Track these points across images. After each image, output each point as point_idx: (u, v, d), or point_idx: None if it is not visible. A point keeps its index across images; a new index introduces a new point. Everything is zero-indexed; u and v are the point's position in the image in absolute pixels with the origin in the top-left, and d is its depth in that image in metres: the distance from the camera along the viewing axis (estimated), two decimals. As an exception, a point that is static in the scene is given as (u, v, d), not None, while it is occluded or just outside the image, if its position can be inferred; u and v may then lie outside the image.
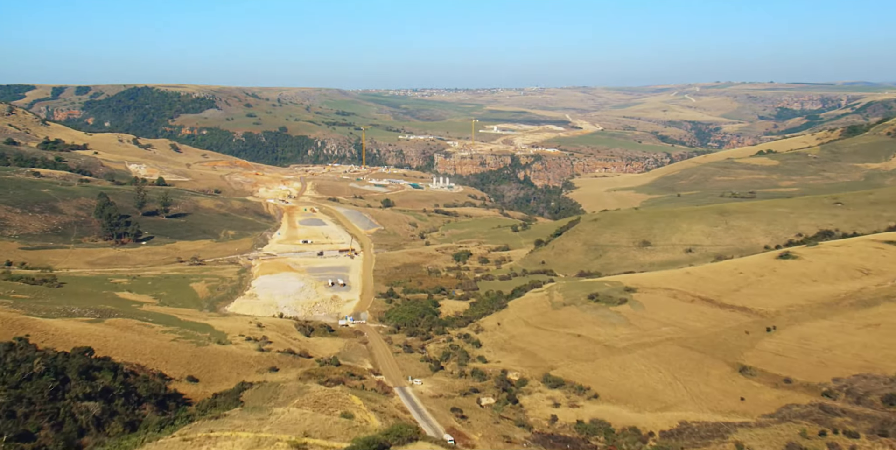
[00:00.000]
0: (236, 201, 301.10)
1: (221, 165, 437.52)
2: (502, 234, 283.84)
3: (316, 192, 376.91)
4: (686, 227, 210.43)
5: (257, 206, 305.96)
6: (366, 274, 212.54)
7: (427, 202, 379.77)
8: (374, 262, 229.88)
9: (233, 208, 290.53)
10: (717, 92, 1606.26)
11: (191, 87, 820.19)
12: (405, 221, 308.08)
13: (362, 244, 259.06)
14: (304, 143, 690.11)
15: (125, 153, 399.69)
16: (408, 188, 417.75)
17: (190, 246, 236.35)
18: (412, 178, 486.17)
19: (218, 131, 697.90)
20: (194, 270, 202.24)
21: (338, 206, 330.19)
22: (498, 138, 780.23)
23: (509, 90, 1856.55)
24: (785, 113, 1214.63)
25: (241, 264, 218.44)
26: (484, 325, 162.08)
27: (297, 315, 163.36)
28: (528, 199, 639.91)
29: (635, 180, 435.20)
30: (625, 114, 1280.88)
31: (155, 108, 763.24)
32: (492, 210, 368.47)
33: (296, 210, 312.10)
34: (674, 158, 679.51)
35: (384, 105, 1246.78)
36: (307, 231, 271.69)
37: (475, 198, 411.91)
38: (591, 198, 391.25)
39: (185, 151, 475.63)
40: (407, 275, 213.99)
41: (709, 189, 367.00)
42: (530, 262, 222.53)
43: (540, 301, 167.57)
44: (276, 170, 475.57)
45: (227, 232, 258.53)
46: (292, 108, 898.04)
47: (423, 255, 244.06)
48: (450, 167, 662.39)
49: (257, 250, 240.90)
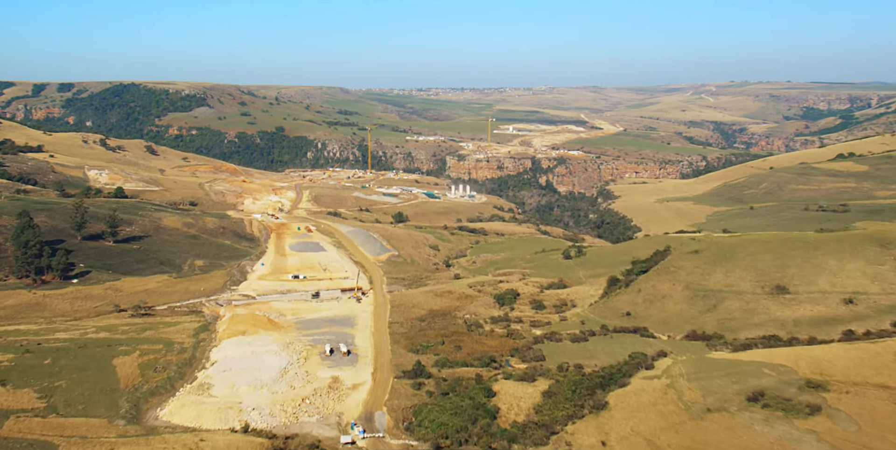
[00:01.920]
0: (211, 219, 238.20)
1: (204, 171, 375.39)
2: (550, 261, 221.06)
3: (314, 203, 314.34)
4: (836, 264, 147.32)
5: (238, 224, 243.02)
6: (379, 331, 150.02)
7: (446, 216, 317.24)
8: (390, 308, 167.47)
9: (205, 228, 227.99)
10: (735, 91, 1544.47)
11: (181, 84, 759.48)
12: (424, 243, 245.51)
13: (371, 278, 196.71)
14: (302, 144, 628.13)
15: (88, 157, 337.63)
16: (422, 198, 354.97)
17: (139, 285, 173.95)
18: (425, 185, 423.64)
19: (209, 131, 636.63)
20: (130, 330, 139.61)
21: (340, 223, 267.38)
22: (514, 139, 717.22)
23: (518, 90, 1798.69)
24: (812, 113, 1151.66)
25: (205, 315, 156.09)
26: (578, 442, 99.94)
27: (274, 425, 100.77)
28: (550, 206, 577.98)
29: (688, 188, 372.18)
30: (642, 114, 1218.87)
31: (141, 107, 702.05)
32: (525, 226, 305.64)
33: (287, 229, 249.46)
34: (710, 161, 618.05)
35: (389, 104, 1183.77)
36: (299, 260, 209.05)
37: (502, 209, 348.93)
38: (642, 211, 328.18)
39: (164, 154, 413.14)
40: (437, 331, 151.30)
41: (787, 200, 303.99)
42: (608, 311, 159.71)
43: (662, 398, 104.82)
44: (268, 176, 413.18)
45: (193, 263, 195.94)
46: (291, 106, 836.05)
47: (453, 295, 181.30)
48: (464, 171, 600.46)
49: (230, 290, 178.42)
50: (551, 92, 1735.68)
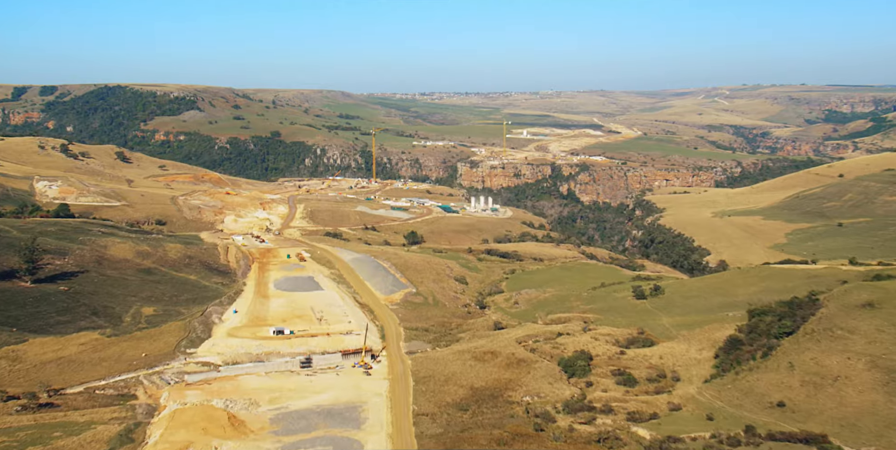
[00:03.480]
0: (175, 246, 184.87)
1: (182, 181, 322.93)
2: (617, 302, 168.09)
3: (309, 220, 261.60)
4: None
5: (210, 252, 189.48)
6: (400, 433, 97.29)
7: (468, 235, 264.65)
8: (413, 385, 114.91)
9: (166, 259, 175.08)
10: (751, 94, 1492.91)
11: (170, 87, 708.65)
12: (447, 274, 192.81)
13: (384, 330, 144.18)
14: (300, 150, 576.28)
15: (42, 165, 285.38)
16: (437, 212, 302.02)
17: (52, 349, 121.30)
18: (438, 196, 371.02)
19: (198, 137, 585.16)
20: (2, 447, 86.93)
21: (341, 247, 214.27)
22: (529, 144, 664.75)
23: (524, 94, 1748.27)
24: (835, 116, 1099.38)
25: (138, 405, 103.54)
26: None
27: None
28: (572, 218, 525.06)
29: (745, 199, 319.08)
30: (656, 118, 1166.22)
31: (125, 110, 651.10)
32: (564, 247, 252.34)
33: (274, 257, 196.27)
34: (745, 167, 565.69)
35: (392, 108, 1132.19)
36: (287, 304, 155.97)
37: (532, 226, 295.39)
38: (700, 227, 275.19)
39: (138, 161, 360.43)
40: (487, 433, 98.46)
41: (882, 216, 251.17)
42: (742, 396, 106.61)
43: None
44: (257, 186, 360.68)
45: (140, 311, 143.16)
46: (288, 110, 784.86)
47: (500, 359, 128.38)
48: (477, 179, 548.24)
49: (185, 356, 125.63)
50: (559, 96, 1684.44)
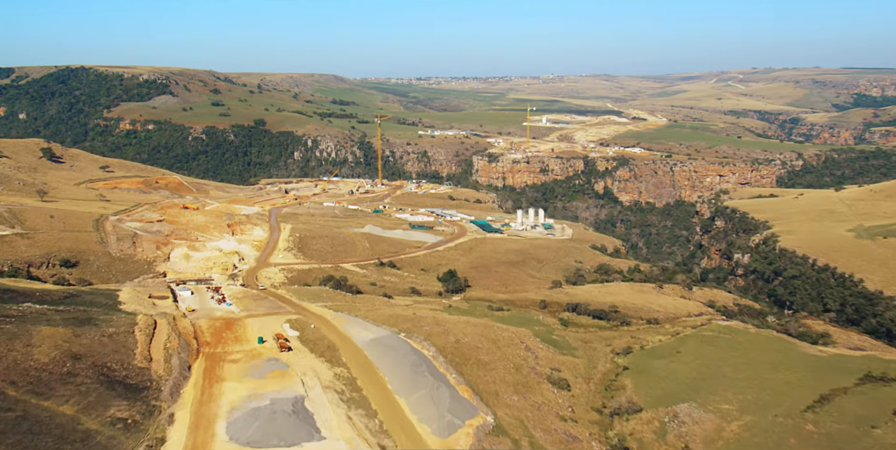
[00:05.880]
0: (52, 332, 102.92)
1: (128, 187, 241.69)
2: (833, 434, 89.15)
3: (297, 252, 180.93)
4: None
5: (119, 341, 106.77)
6: None
7: (525, 269, 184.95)
8: None
9: (24, 367, 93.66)
10: (766, 78, 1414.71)
11: (141, 68, 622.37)
12: (531, 367, 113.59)
13: None
14: (288, 141, 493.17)
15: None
16: (473, 231, 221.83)
17: None
18: (463, 203, 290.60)
19: (169, 126, 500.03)
20: None
21: (348, 314, 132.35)
22: (551, 133, 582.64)
23: (525, 78, 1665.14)
24: (865, 100, 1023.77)
25: None
26: None
27: None
28: (611, 221, 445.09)
29: (886, 208, 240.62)
30: (672, 103, 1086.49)
31: (87, 95, 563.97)
32: (670, 290, 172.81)
33: (234, 343, 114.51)
34: (806, 159, 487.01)
35: (389, 93, 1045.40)
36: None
37: (604, 251, 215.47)
38: (855, 256, 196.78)
39: (73, 160, 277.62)
40: None
41: None
42: None
43: None
44: (231, 193, 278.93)
45: None
46: (275, 95, 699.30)
47: None
48: (496, 175, 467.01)
49: None
50: (562, 80, 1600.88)
